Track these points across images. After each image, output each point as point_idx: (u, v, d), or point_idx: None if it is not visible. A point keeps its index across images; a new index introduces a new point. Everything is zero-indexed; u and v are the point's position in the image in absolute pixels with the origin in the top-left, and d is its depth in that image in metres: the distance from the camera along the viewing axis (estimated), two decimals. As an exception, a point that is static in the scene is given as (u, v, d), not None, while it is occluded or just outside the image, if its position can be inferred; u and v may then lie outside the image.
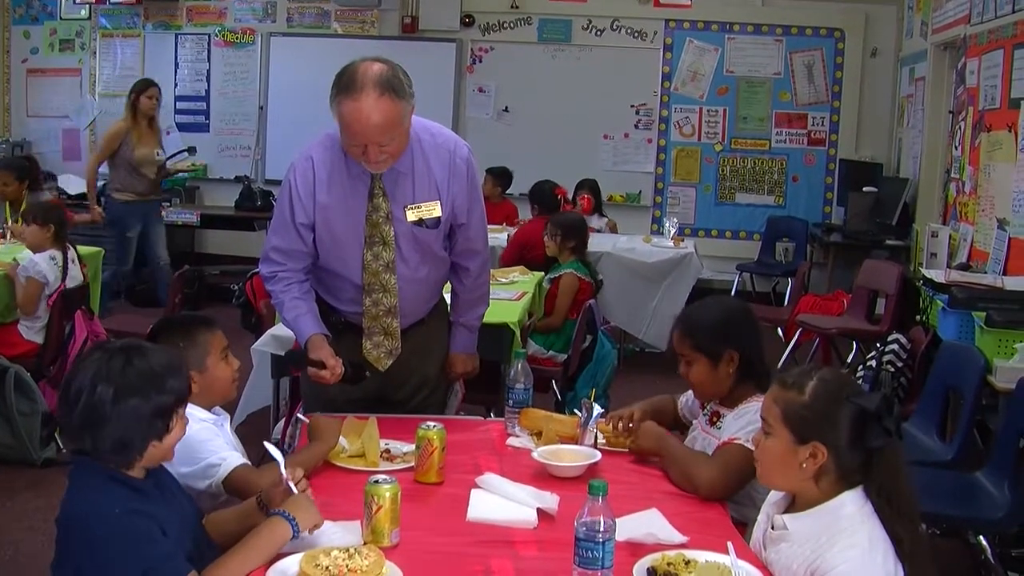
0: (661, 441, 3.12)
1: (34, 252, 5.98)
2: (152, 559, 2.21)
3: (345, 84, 3.15)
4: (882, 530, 2.30)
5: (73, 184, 10.30)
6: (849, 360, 7.33)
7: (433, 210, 3.42)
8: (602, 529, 2.18)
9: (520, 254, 7.13)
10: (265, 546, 2.33)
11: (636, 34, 10.60)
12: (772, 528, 2.45)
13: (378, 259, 3.41)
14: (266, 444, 2.58)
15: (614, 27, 10.61)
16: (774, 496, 2.55)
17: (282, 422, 4.55)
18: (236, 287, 6.99)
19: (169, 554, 2.25)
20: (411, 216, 3.40)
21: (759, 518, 2.57)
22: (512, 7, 10.65)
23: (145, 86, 8.46)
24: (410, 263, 3.47)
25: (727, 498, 2.92)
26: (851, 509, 2.33)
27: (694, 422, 3.33)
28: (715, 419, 3.16)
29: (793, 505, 2.47)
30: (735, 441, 2.92)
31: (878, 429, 2.32)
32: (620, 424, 3.24)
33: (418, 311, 3.61)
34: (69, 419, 2.29)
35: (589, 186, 8.88)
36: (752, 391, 3.05)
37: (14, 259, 6.04)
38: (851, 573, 2.23)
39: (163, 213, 9.75)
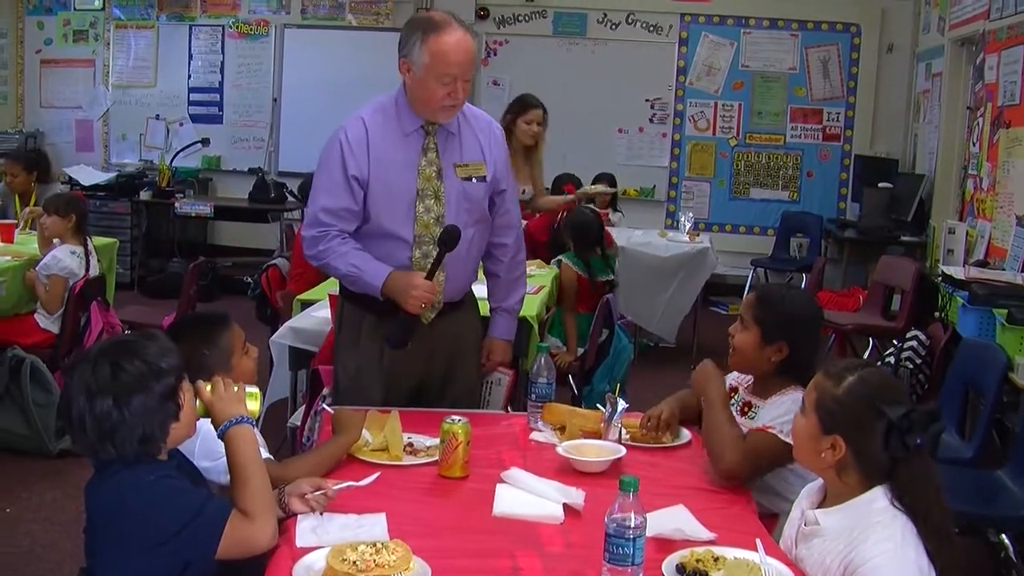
0: (709, 393, 3.11)
1: (51, 243, 6.01)
2: (194, 505, 2.25)
3: (431, 24, 3.35)
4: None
5: (85, 175, 10.29)
6: (865, 356, 7.31)
7: (480, 169, 3.58)
8: (633, 525, 2.16)
9: (531, 247, 7.06)
10: (248, 461, 2.40)
11: (651, 28, 10.57)
12: (805, 524, 2.44)
13: (429, 212, 3.49)
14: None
15: (629, 21, 10.58)
16: (807, 492, 2.55)
17: (300, 411, 4.54)
18: (251, 279, 7.00)
19: (208, 496, 2.32)
20: (460, 173, 3.53)
21: (792, 514, 2.57)
22: (527, 0, 10.62)
23: (524, 107, 6.69)
24: (459, 222, 3.50)
25: (743, 483, 2.93)
26: (883, 503, 2.32)
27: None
28: (747, 409, 3.17)
29: (825, 500, 2.46)
30: (768, 430, 2.92)
31: (898, 442, 2.30)
32: (650, 423, 3.24)
33: (460, 284, 3.65)
34: (84, 438, 2.29)
35: (607, 179, 8.79)
36: (788, 383, 3.04)
37: (32, 268, 6.04)
38: (885, 566, 2.21)
39: (176, 204, 9.79)
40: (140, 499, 2.24)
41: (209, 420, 2.52)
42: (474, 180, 3.56)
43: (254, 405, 2.55)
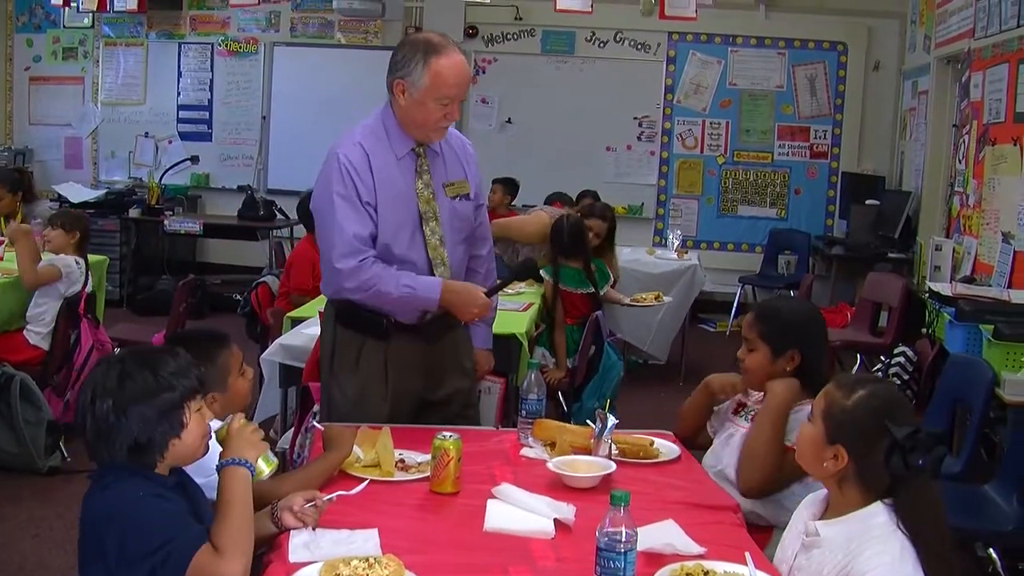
0: (771, 403, 3.13)
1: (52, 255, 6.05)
2: (170, 530, 2.23)
3: (431, 46, 3.39)
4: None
5: (75, 192, 10.28)
6: (853, 372, 7.33)
7: (464, 187, 3.63)
8: (624, 539, 2.18)
9: None
10: (245, 501, 2.39)
11: (639, 46, 10.63)
12: (806, 535, 2.46)
13: (434, 234, 3.53)
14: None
15: (617, 39, 10.64)
16: (810, 501, 2.58)
17: (290, 431, 4.54)
18: (240, 297, 7.00)
19: (188, 524, 2.29)
20: (449, 192, 3.57)
21: (794, 520, 2.59)
22: (516, 19, 10.69)
23: (589, 214, 6.75)
24: (453, 241, 3.58)
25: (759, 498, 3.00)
26: (884, 518, 2.34)
27: (728, 424, 3.39)
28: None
29: (827, 511, 2.48)
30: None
31: (900, 461, 2.32)
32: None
33: None
34: (84, 435, 2.34)
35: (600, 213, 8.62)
36: (803, 396, 3.08)
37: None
38: None
39: (166, 222, 9.79)
40: (125, 513, 2.25)
41: (216, 439, 2.54)
42: (460, 198, 3.60)
43: (265, 467, 2.56)
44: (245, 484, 2.42)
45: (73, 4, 10.30)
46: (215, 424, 2.56)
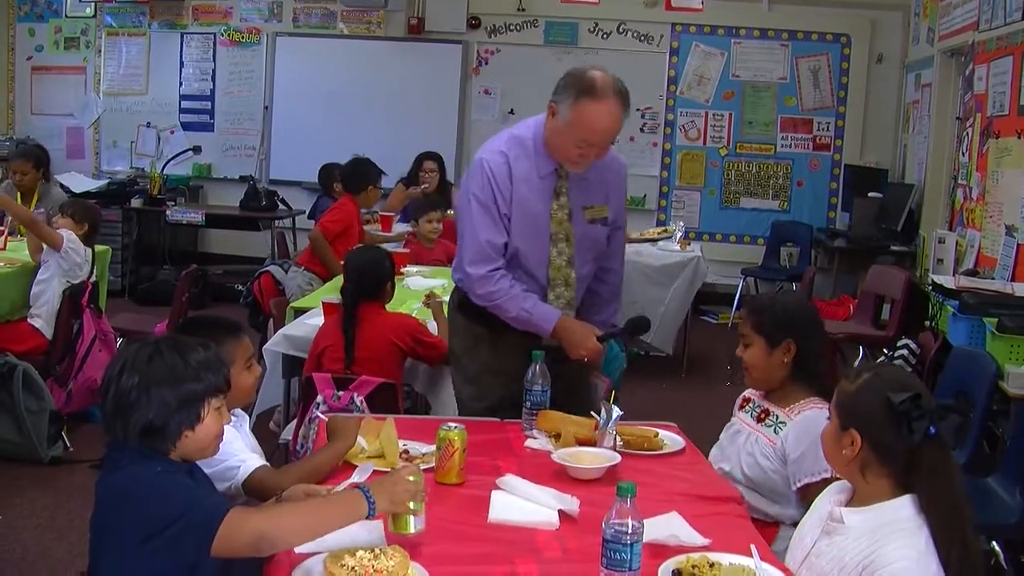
0: None
1: (42, 250, 6.02)
2: (190, 500, 2.24)
3: (588, 87, 3.38)
4: None
5: (76, 182, 10.25)
6: (856, 365, 7.33)
7: (603, 211, 3.65)
8: (630, 531, 2.18)
9: None
10: (336, 515, 2.34)
11: (643, 37, 10.60)
12: (831, 519, 2.45)
13: (561, 255, 3.58)
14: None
15: (621, 30, 10.62)
16: (837, 487, 2.58)
17: (291, 426, 4.54)
18: (242, 287, 7.00)
19: (207, 495, 2.31)
20: (587, 216, 3.60)
21: (814, 507, 2.60)
22: (519, 9, 10.66)
23: None
24: (582, 261, 3.63)
25: None
26: (912, 511, 2.33)
27: (735, 419, 3.39)
28: (764, 416, 3.23)
29: (852, 501, 2.48)
30: (813, 482, 2.98)
31: (907, 428, 2.32)
32: None
33: (571, 313, 3.71)
34: (104, 407, 2.34)
35: None
36: (804, 393, 3.08)
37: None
38: (906, 571, 2.22)
39: (168, 212, 9.78)
40: (140, 490, 2.25)
41: (231, 428, 2.55)
42: (597, 223, 3.65)
43: (411, 527, 2.41)
44: (349, 509, 2.33)
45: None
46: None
